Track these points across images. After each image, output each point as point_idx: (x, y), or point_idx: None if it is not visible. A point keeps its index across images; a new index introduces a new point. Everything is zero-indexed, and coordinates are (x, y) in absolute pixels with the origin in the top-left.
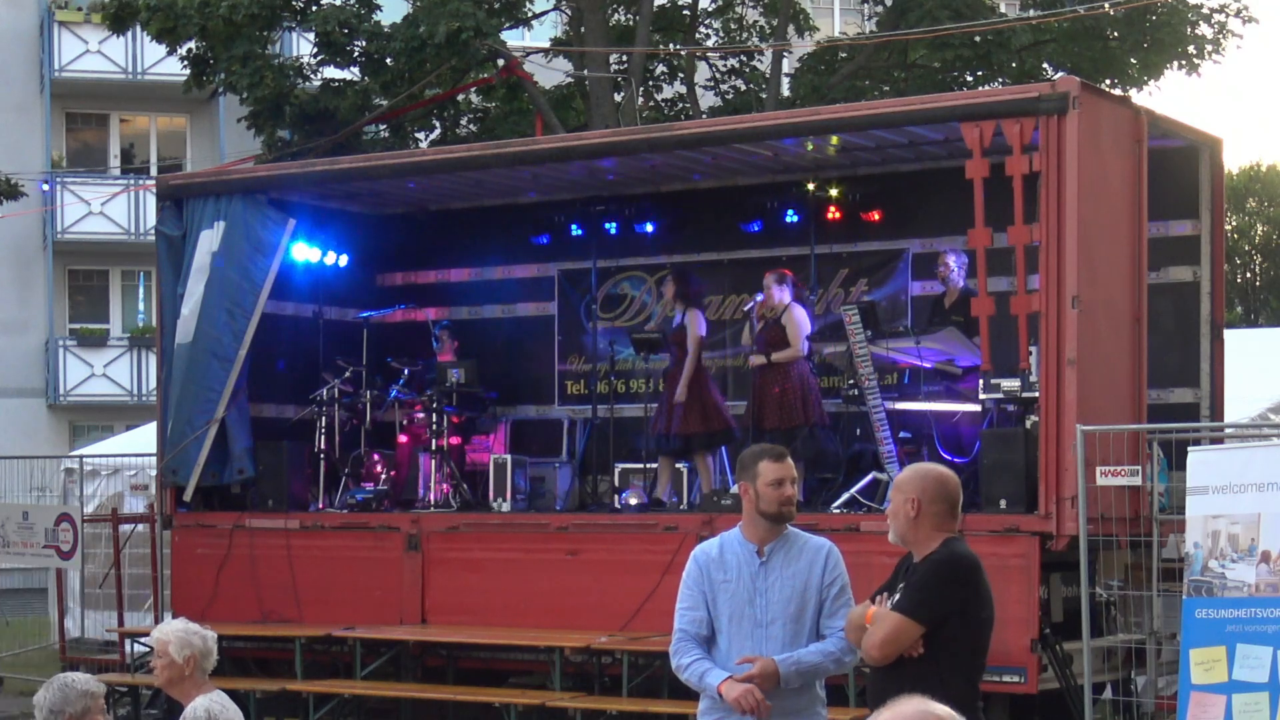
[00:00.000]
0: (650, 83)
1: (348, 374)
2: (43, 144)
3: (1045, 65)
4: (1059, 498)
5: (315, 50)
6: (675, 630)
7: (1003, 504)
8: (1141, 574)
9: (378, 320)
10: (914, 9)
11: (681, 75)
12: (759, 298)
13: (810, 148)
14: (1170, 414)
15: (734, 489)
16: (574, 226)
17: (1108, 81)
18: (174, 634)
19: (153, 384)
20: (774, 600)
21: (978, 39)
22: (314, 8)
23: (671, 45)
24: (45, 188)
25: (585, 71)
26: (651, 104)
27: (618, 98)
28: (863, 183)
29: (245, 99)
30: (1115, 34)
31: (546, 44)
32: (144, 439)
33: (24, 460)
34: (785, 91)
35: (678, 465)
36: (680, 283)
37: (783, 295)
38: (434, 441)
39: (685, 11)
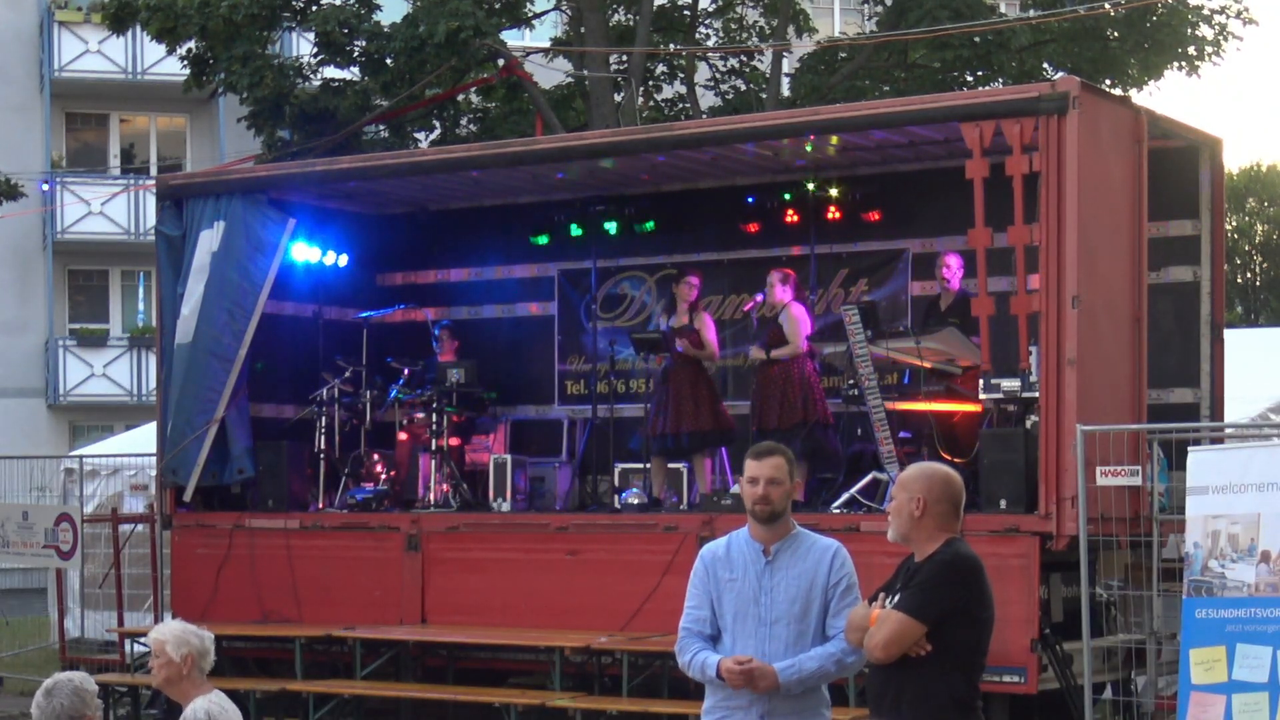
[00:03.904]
0: (650, 83)
1: (348, 374)
2: (43, 144)
3: (1045, 65)
4: (1059, 498)
5: (315, 50)
6: (680, 629)
7: (1003, 504)
8: (1141, 574)
9: (378, 320)
10: (914, 9)
11: (681, 75)
12: (759, 297)
13: (810, 148)
14: (1170, 414)
15: (734, 488)
16: (574, 226)
17: (1108, 81)
18: (171, 634)
19: (153, 384)
20: (779, 599)
21: (978, 39)
22: (314, 8)
23: (671, 45)
24: (45, 188)
25: (585, 71)
26: (651, 104)
27: (618, 98)
28: (863, 183)
29: (245, 99)
30: (1115, 34)
31: (546, 44)
32: (144, 439)
33: (24, 460)
34: (785, 91)
35: (673, 465)
36: (702, 287)
37: (784, 294)
38: (434, 441)
39: (685, 11)
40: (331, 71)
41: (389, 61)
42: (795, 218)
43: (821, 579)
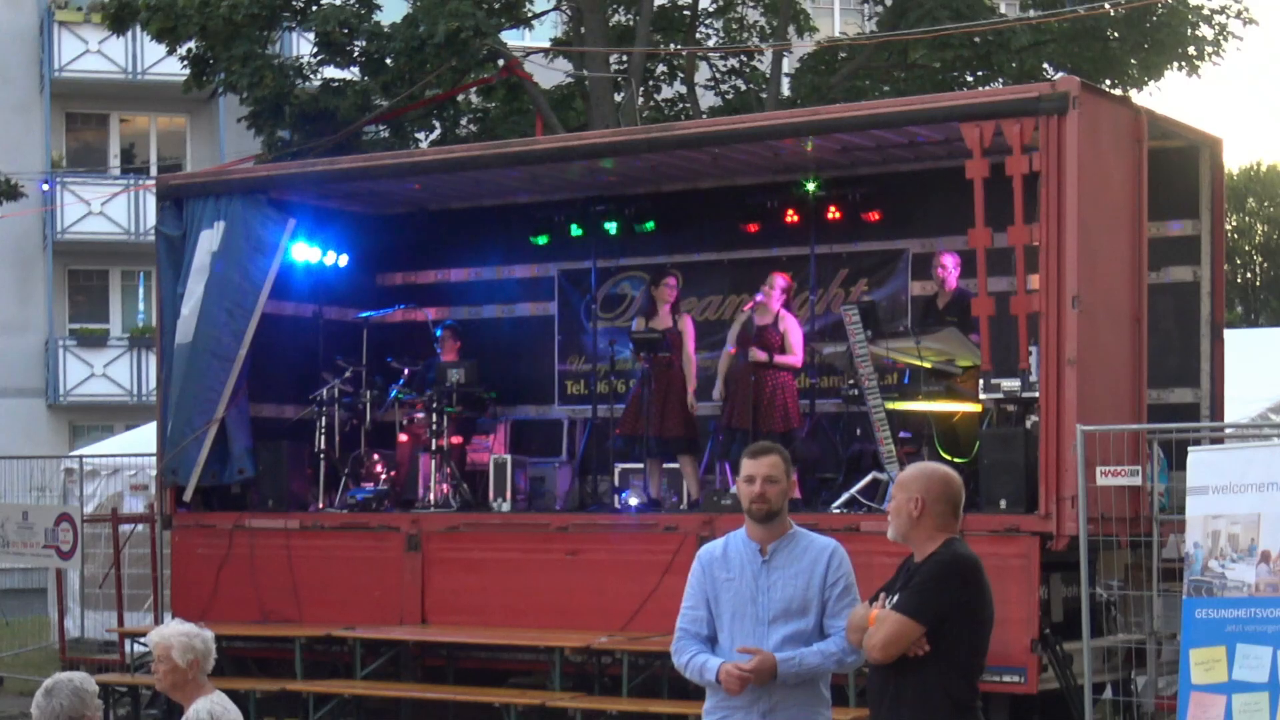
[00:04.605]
0: (650, 83)
1: (348, 374)
2: (43, 144)
3: (1045, 65)
4: (1059, 498)
5: (315, 50)
6: (676, 629)
7: (1003, 504)
8: (1141, 574)
9: (378, 320)
10: (914, 9)
11: (681, 75)
12: (759, 297)
13: (810, 147)
14: (1170, 414)
15: (733, 489)
16: (574, 226)
17: (1108, 81)
18: (176, 638)
19: (153, 384)
20: (776, 599)
21: (978, 39)
22: (314, 8)
23: (671, 45)
24: (45, 188)
25: (585, 71)
26: (651, 104)
27: (618, 98)
28: (863, 183)
29: (245, 99)
30: (1115, 34)
31: (546, 44)
32: (144, 439)
33: (24, 460)
34: (785, 91)
35: (671, 466)
36: (682, 288)
37: (778, 301)
38: (434, 441)
39: (685, 11)
40: (331, 71)
41: (389, 61)
42: (795, 218)
43: (818, 579)
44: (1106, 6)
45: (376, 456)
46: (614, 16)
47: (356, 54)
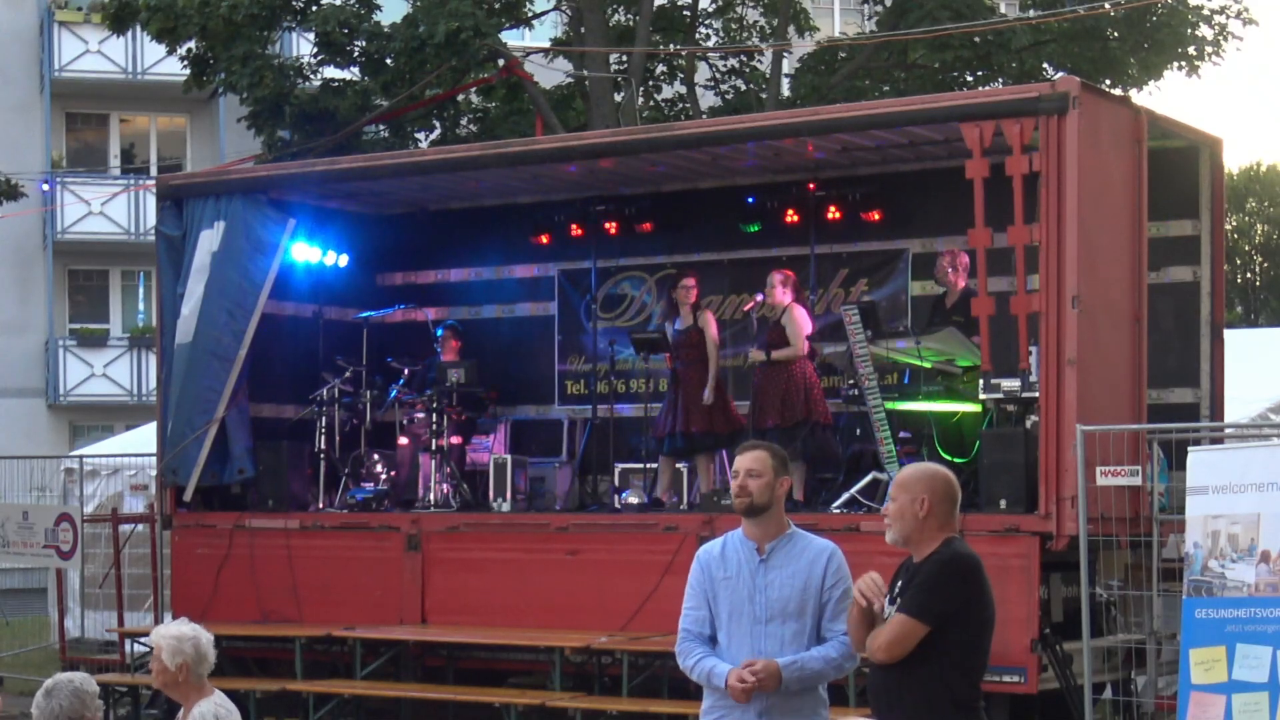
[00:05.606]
0: (650, 83)
1: (348, 374)
2: (43, 144)
3: (1045, 65)
4: (1059, 498)
5: (315, 50)
6: (679, 630)
7: (1003, 504)
8: (1141, 574)
9: (378, 320)
10: (914, 9)
11: (681, 75)
12: (759, 297)
13: (811, 149)
14: (1170, 414)
15: None
16: (574, 226)
17: (1108, 81)
18: (166, 640)
19: (153, 384)
20: (773, 598)
21: (978, 39)
22: (314, 8)
23: (671, 45)
24: (45, 188)
25: (585, 71)
26: (651, 104)
27: (618, 98)
28: (863, 183)
29: (245, 99)
30: (1115, 34)
31: (546, 44)
32: (144, 439)
33: (24, 460)
34: (785, 91)
35: (678, 465)
36: (700, 286)
37: (785, 295)
38: (434, 441)
39: (685, 11)
40: (331, 71)
41: (389, 61)
42: (795, 218)
43: (816, 580)
44: (1106, 6)
45: (376, 456)
46: (614, 16)
47: (356, 54)
